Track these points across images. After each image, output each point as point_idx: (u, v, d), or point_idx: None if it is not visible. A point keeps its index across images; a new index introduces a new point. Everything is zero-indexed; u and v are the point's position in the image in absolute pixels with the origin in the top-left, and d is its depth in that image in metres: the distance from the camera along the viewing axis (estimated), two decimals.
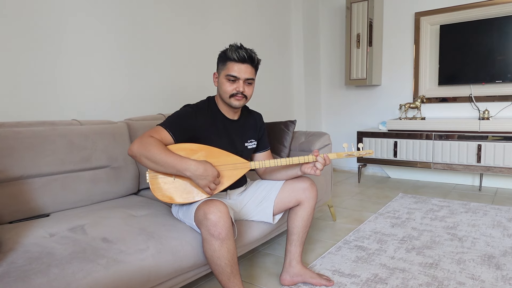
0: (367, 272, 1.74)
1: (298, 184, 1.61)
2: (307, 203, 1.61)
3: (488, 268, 1.73)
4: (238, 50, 1.48)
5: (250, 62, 1.50)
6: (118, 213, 1.49)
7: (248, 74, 1.50)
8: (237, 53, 1.47)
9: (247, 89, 1.52)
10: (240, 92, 1.49)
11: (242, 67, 1.48)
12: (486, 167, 3.02)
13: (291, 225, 1.64)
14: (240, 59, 1.47)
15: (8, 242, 1.19)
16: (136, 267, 1.18)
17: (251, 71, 1.51)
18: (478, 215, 2.48)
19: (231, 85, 1.49)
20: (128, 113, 2.29)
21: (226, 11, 3.04)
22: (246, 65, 1.49)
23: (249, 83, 1.53)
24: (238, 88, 1.49)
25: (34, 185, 1.52)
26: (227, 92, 1.50)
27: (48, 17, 1.91)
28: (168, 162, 1.32)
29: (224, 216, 1.29)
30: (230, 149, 1.54)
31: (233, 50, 1.48)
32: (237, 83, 1.49)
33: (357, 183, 3.65)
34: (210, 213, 1.28)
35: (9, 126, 1.52)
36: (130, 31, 2.31)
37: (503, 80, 3.15)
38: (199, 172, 1.32)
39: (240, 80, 1.49)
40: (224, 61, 1.50)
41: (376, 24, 3.66)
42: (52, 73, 1.94)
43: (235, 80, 1.48)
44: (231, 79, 1.48)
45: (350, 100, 4.13)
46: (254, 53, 1.52)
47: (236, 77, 1.48)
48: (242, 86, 1.49)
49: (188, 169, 1.31)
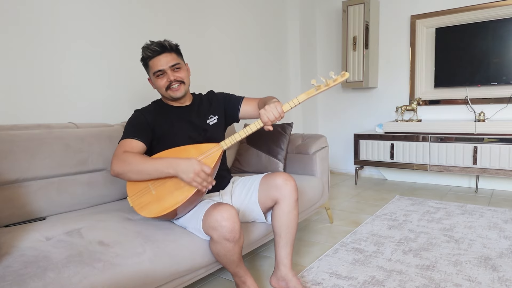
0: (364, 274, 1.74)
1: (272, 182, 1.54)
2: (282, 202, 1.53)
3: (484, 269, 1.74)
4: (149, 46, 1.51)
5: (165, 50, 1.51)
6: (114, 217, 1.49)
7: (171, 61, 1.51)
8: (149, 50, 1.50)
9: (178, 74, 1.53)
10: (173, 80, 1.51)
11: (161, 58, 1.50)
12: (482, 169, 3.03)
13: (273, 226, 1.58)
14: (154, 52, 1.50)
15: (4, 246, 1.18)
16: (132, 271, 1.18)
17: (172, 57, 1.52)
18: (474, 217, 2.49)
19: (162, 79, 1.52)
20: (125, 116, 2.28)
21: (222, 13, 3.05)
22: (164, 54, 1.51)
23: (177, 68, 1.53)
24: (169, 78, 1.51)
25: (30, 188, 1.51)
26: (163, 87, 1.53)
27: (44, 20, 1.90)
28: (151, 168, 1.34)
29: (237, 220, 1.31)
30: (193, 131, 1.58)
31: (145, 49, 1.52)
32: (166, 75, 1.52)
33: (354, 185, 3.65)
34: (224, 220, 1.29)
35: (5, 129, 1.52)
36: (127, 34, 2.31)
37: (498, 83, 3.17)
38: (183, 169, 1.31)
39: (168, 71, 1.51)
40: (146, 63, 1.55)
41: (372, 27, 3.68)
42: (48, 76, 1.94)
43: (163, 73, 1.51)
44: (159, 74, 1.51)
45: (347, 102, 4.14)
46: (166, 41, 1.53)
47: (161, 70, 1.50)
48: (171, 74, 1.51)
49: (170, 165, 1.32)
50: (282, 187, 1.52)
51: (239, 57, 3.26)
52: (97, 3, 2.13)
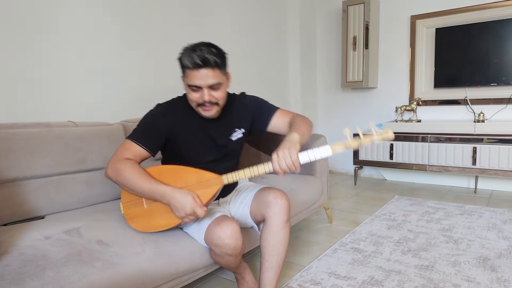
0: (363, 274, 1.74)
1: (263, 197, 1.42)
2: (270, 220, 1.39)
3: (483, 270, 1.74)
4: (191, 54, 1.26)
5: (207, 65, 1.25)
6: (113, 216, 1.49)
7: (210, 80, 1.27)
8: (191, 59, 1.25)
9: (215, 94, 1.31)
10: (207, 101, 1.30)
11: (200, 74, 1.26)
12: (481, 170, 3.03)
13: (260, 245, 1.45)
14: (195, 65, 1.25)
15: (3, 245, 1.18)
16: (131, 270, 1.18)
17: (214, 74, 1.27)
18: (473, 217, 2.49)
19: (196, 93, 1.31)
20: (124, 115, 2.28)
21: (222, 13, 3.05)
22: (204, 70, 1.26)
23: (215, 88, 1.31)
24: (203, 97, 1.30)
25: (29, 187, 1.51)
26: (193, 101, 1.34)
27: (43, 19, 1.90)
28: (145, 190, 1.25)
29: (239, 236, 1.29)
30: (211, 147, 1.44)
31: (186, 57, 1.27)
32: (200, 92, 1.30)
33: (353, 185, 3.65)
34: (227, 237, 1.26)
35: (4, 128, 1.51)
36: (126, 33, 2.30)
37: (498, 83, 3.17)
38: (176, 203, 1.22)
39: (204, 88, 1.29)
40: (183, 69, 1.32)
41: (372, 27, 3.68)
42: (48, 75, 1.94)
43: (197, 89, 1.30)
44: (193, 88, 1.30)
45: (347, 102, 4.14)
46: (212, 52, 1.27)
47: (197, 86, 1.28)
48: (207, 94, 1.29)
49: (164, 196, 1.23)
50: (271, 205, 1.39)
51: (238, 57, 3.25)
52: (98, 4, 2.13)
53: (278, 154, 1.24)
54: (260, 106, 1.55)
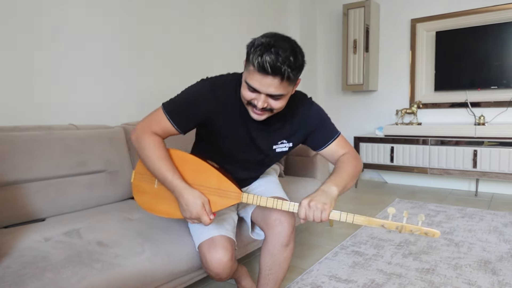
0: (364, 277, 1.73)
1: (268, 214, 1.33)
2: (268, 239, 1.33)
3: (484, 273, 1.74)
4: (264, 54, 1.02)
5: (277, 76, 1.04)
6: (113, 217, 1.49)
7: (273, 89, 1.06)
8: (261, 60, 1.02)
9: (273, 103, 1.11)
10: (259, 106, 1.10)
11: (264, 80, 1.05)
12: (482, 173, 3.03)
13: (259, 261, 1.38)
14: (261, 70, 1.03)
15: (3, 247, 1.18)
16: (132, 271, 1.18)
17: (280, 86, 1.06)
18: (474, 220, 2.49)
19: (251, 94, 1.11)
20: (125, 118, 2.28)
21: (223, 15, 3.06)
22: (271, 79, 1.04)
23: (276, 99, 1.11)
24: (258, 101, 1.10)
25: (30, 189, 1.51)
26: (245, 98, 1.14)
27: (45, 22, 1.91)
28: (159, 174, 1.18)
29: (226, 267, 1.23)
30: (251, 151, 1.30)
31: (257, 52, 1.03)
32: (256, 94, 1.10)
33: (354, 188, 3.65)
34: (213, 266, 1.22)
35: (6, 130, 1.52)
36: (128, 35, 2.31)
37: (498, 86, 3.18)
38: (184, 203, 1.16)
39: (262, 94, 1.09)
40: (248, 61, 1.10)
41: (373, 30, 3.69)
42: (49, 78, 1.94)
43: (255, 91, 1.10)
44: (250, 88, 1.10)
45: (347, 105, 4.14)
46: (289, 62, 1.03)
47: (255, 89, 1.09)
48: (262, 100, 1.09)
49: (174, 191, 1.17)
50: (272, 226, 1.31)
51: (239, 60, 3.26)
52: (99, 7, 2.14)
53: (310, 205, 1.10)
54: (323, 125, 1.34)
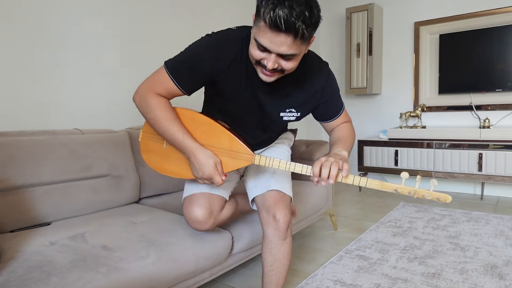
0: (369, 282, 1.72)
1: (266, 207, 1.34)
2: (265, 235, 1.36)
3: (491, 278, 1.72)
4: (277, 8, 0.91)
5: (290, 32, 0.94)
6: (118, 221, 1.49)
7: (285, 48, 0.97)
8: (271, 14, 0.92)
9: (284, 64, 1.04)
10: (270, 67, 1.02)
11: (276, 38, 0.96)
12: (487, 176, 3.01)
13: (261, 261, 1.40)
14: (273, 26, 0.93)
15: (9, 251, 1.19)
16: (136, 275, 1.18)
17: (292, 44, 0.97)
18: (480, 224, 2.47)
19: (260, 53, 1.02)
20: (129, 122, 2.29)
21: (226, 21, 3.07)
22: (283, 36, 0.95)
23: (288, 59, 1.03)
24: (267, 62, 1.02)
25: (35, 193, 1.52)
26: (253, 57, 1.05)
27: (51, 26, 1.93)
28: (168, 134, 1.15)
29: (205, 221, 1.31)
30: (256, 115, 1.24)
31: (270, 5, 0.92)
32: (267, 54, 1.02)
33: (358, 192, 3.64)
34: (190, 221, 1.32)
35: (11, 135, 1.53)
36: (132, 40, 2.33)
37: (503, 89, 3.16)
38: (197, 163, 1.14)
39: (272, 54, 1.00)
40: (258, 15, 0.98)
41: (376, 33, 3.69)
42: (54, 82, 1.96)
43: (265, 50, 1.01)
44: (260, 47, 1.01)
45: (351, 108, 4.14)
46: (304, 17, 0.93)
47: (265, 48, 0.99)
48: (273, 61, 1.01)
49: (186, 151, 1.15)
50: (269, 220, 1.34)
51: None
52: (101, 10, 2.16)
53: (328, 158, 1.08)
54: (334, 98, 1.29)
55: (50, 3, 1.91)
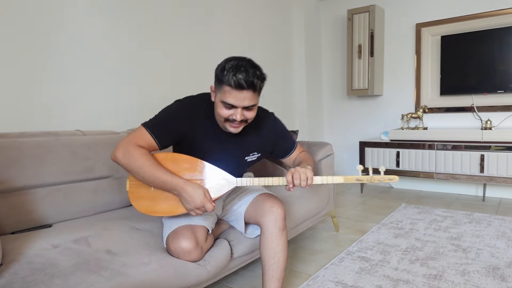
0: (371, 283, 1.72)
1: (260, 204, 1.45)
2: (265, 228, 1.43)
3: (493, 279, 1.72)
4: (236, 73, 1.23)
5: (250, 89, 1.25)
6: (121, 226, 1.49)
7: (247, 101, 1.27)
8: (236, 79, 1.22)
9: (247, 114, 1.32)
10: (237, 120, 1.30)
11: (240, 95, 1.25)
12: (489, 177, 3.00)
13: (260, 256, 1.48)
14: (238, 86, 1.23)
15: (11, 253, 1.19)
16: (138, 280, 1.18)
17: (252, 96, 1.27)
18: (482, 226, 2.46)
19: (228, 111, 1.29)
20: (131, 124, 2.30)
21: (228, 22, 3.08)
22: (246, 92, 1.25)
23: (249, 109, 1.32)
24: (235, 116, 1.29)
25: (36, 195, 1.52)
26: (222, 116, 1.31)
27: (53, 29, 1.93)
28: (156, 179, 1.26)
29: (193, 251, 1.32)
30: (223, 162, 1.41)
31: (230, 73, 1.23)
32: (234, 110, 1.29)
33: (360, 193, 3.63)
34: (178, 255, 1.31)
35: (13, 137, 1.53)
36: (134, 42, 2.33)
37: (505, 90, 3.16)
38: (187, 196, 1.26)
39: (239, 108, 1.28)
40: (220, 83, 1.27)
41: (377, 34, 3.69)
42: (56, 84, 1.96)
43: (231, 107, 1.28)
44: (227, 106, 1.28)
45: (352, 110, 4.14)
46: (257, 75, 1.27)
47: (232, 105, 1.27)
48: (240, 113, 1.29)
49: (176, 188, 1.27)
50: (267, 214, 1.42)
51: None
52: (105, 13, 2.16)
53: (297, 169, 1.34)
54: (286, 137, 1.62)
55: (53, 4, 1.92)
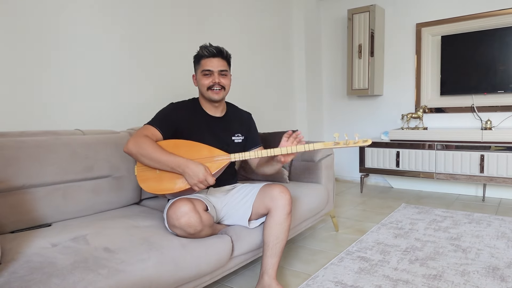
0: (370, 283, 1.72)
1: (268, 192, 1.62)
2: (275, 212, 1.59)
3: (492, 280, 1.71)
4: (207, 47, 1.67)
5: (220, 55, 1.67)
6: (120, 223, 1.49)
7: (221, 66, 1.67)
8: (207, 50, 1.65)
9: (223, 80, 1.68)
10: (217, 83, 1.65)
11: (214, 61, 1.66)
12: (489, 177, 3.00)
13: (264, 235, 1.63)
14: (210, 54, 1.66)
15: (10, 252, 1.19)
16: (137, 277, 1.18)
17: (223, 63, 1.68)
18: (482, 226, 2.46)
19: (207, 78, 1.66)
20: (131, 123, 2.30)
21: (227, 21, 3.08)
22: (217, 58, 1.67)
23: (223, 75, 1.68)
24: (214, 80, 1.65)
25: (36, 194, 1.52)
26: (205, 85, 1.66)
27: (53, 29, 1.93)
28: (162, 160, 1.46)
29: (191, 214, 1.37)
30: (215, 143, 1.67)
31: (203, 48, 1.67)
32: (212, 76, 1.66)
33: (360, 193, 3.63)
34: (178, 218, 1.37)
35: (13, 136, 1.53)
36: (134, 42, 2.33)
37: (505, 90, 3.16)
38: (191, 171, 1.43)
39: (215, 73, 1.66)
40: (198, 60, 1.69)
41: (378, 34, 3.69)
42: (56, 83, 1.96)
43: (210, 74, 1.66)
44: (206, 73, 1.66)
45: (352, 110, 4.14)
46: (224, 49, 1.69)
47: (210, 70, 1.65)
48: (217, 77, 1.66)
49: (180, 166, 1.45)
50: (277, 198, 1.59)
51: (244, 65, 3.28)
52: (105, 13, 2.16)
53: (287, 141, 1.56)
54: (256, 133, 1.92)
55: (53, 4, 1.92)
